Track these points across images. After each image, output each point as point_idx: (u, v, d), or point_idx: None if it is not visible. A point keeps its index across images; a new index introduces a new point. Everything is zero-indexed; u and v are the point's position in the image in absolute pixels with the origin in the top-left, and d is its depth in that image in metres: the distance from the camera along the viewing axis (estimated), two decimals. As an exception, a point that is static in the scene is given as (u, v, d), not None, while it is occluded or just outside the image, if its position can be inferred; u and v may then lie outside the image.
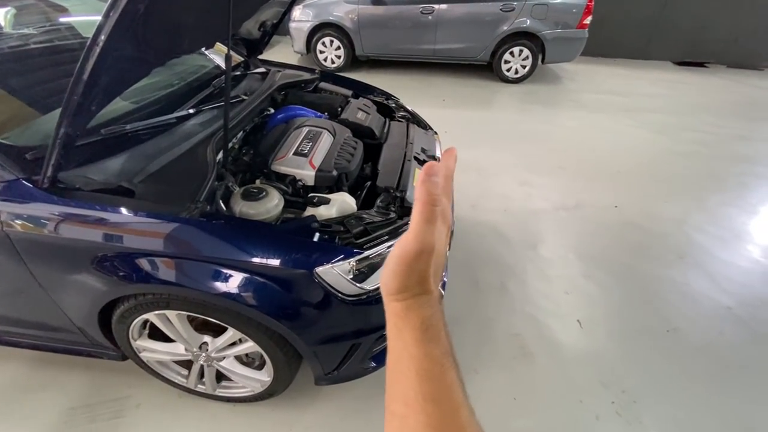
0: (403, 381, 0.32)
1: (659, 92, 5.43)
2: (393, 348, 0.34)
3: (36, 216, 1.12)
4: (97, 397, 1.57)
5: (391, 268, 0.34)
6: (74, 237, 1.12)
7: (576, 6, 4.90)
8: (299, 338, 1.21)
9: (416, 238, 0.33)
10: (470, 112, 4.48)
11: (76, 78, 0.90)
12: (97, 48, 0.85)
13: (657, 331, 1.94)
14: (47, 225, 1.12)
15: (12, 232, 1.13)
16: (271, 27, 2.21)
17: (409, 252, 0.33)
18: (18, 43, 1.68)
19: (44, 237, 1.13)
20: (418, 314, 0.34)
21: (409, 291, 0.34)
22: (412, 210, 0.34)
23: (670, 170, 3.42)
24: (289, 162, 1.53)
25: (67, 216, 1.11)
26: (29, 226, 1.13)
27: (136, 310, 1.24)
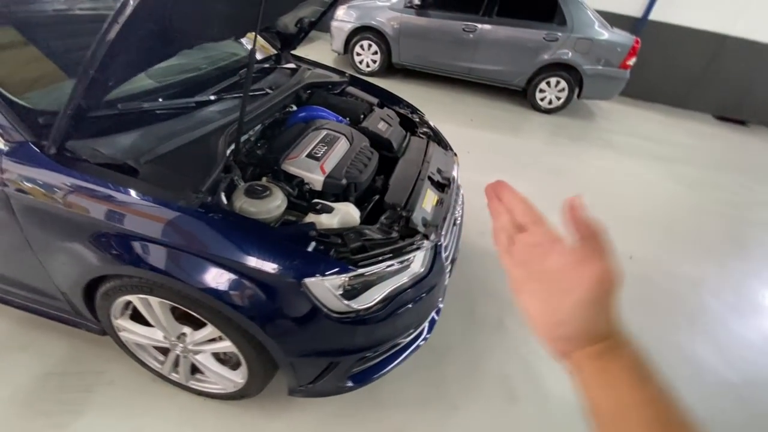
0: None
1: (694, 144, 5.26)
2: (602, 405, 0.30)
3: (36, 180, 1.11)
4: (72, 366, 1.56)
5: (593, 308, 0.30)
6: (70, 207, 1.11)
7: (622, 45, 4.79)
8: (276, 346, 1.17)
9: (614, 269, 0.31)
10: (496, 136, 4.41)
11: (94, 52, 0.88)
12: (117, 26, 0.84)
13: (654, 397, 1.83)
14: (46, 191, 1.11)
15: (11, 192, 1.13)
16: (308, 24, 2.21)
17: (612, 283, 0.30)
18: (64, 6, 1.70)
19: (41, 202, 1.12)
20: (628, 354, 0.31)
21: (613, 329, 0.31)
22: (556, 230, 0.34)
23: (693, 228, 3.29)
24: (300, 163, 1.50)
25: (66, 186, 1.10)
26: (29, 189, 1.12)
27: (121, 290, 1.22)
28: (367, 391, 1.61)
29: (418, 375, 1.73)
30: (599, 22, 4.84)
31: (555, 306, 0.31)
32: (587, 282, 0.30)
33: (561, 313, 0.31)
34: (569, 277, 0.32)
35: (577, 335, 0.30)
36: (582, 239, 0.33)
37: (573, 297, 0.30)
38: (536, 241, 0.36)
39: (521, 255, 0.37)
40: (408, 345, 1.49)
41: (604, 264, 0.31)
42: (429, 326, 1.57)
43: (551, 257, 0.35)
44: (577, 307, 0.30)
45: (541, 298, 0.33)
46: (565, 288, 0.32)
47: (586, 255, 0.32)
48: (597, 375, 0.29)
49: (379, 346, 1.34)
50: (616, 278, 0.30)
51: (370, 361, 1.39)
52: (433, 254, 1.41)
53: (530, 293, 0.35)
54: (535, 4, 4.88)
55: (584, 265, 0.31)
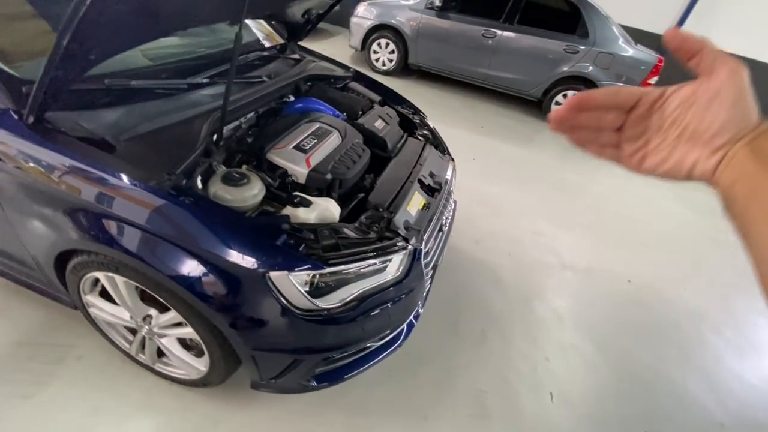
0: None
1: (712, 171, 5.08)
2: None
3: (12, 148, 1.10)
4: (44, 338, 1.57)
5: (743, 100, 0.32)
6: (42, 178, 1.10)
7: (645, 63, 4.66)
8: (237, 338, 1.15)
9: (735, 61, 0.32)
10: (505, 145, 4.34)
11: (66, 23, 0.87)
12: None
13: (634, 429, 1.76)
14: (21, 160, 1.11)
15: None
16: (315, 16, 2.18)
17: (745, 71, 0.32)
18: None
19: (15, 170, 1.12)
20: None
21: (760, 117, 0.32)
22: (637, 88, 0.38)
23: (701, 257, 3.17)
24: (285, 154, 1.47)
25: (40, 156, 1.09)
26: (6, 157, 1.12)
27: (88, 266, 1.21)
28: (336, 392, 1.58)
29: (390, 381, 1.69)
30: (623, 38, 4.72)
31: (708, 122, 0.33)
32: (727, 80, 0.32)
33: (716, 123, 0.33)
34: (706, 88, 0.33)
35: (736, 132, 0.32)
36: (695, 62, 0.35)
37: (722, 101, 0.32)
38: (652, 100, 0.38)
39: (638, 129, 0.39)
40: (381, 348, 1.45)
41: (728, 59, 0.33)
42: (406, 332, 1.53)
43: (678, 94, 0.36)
44: (731, 107, 0.32)
45: (688, 131, 0.35)
46: (708, 101, 0.33)
47: (708, 65, 0.34)
48: (754, 157, 0.31)
49: (347, 347, 1.31)
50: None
51: (337, 361, 1.35)
52: (412, 258, 1.37)
53: (671, 142, 0.37)
54: (558, 15, 4.78)
55: (715, 71, 0.33)
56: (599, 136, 0.42)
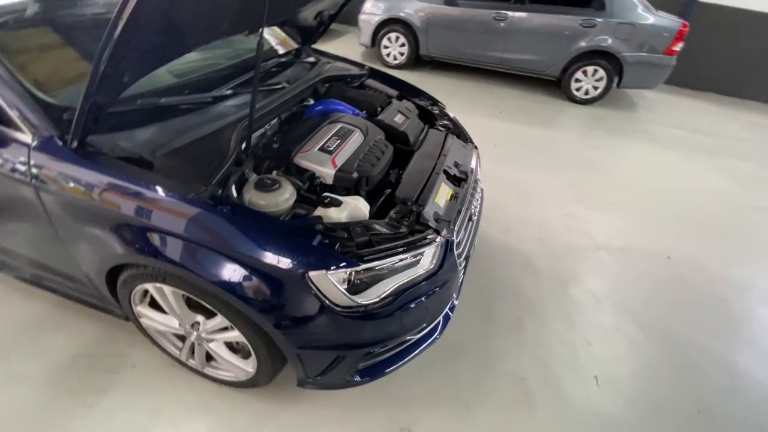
0: None
1: (749, 137, 4.82)
2: None
3: (60, 173, 1.17)
4: (100, 348, 1.66)
5: None
6: (90, 198, 1.16)
7: (668, 30, 4.45)
8: (282, 338, 1.18)
9: None
10: (527, 128, 4.24)
11: (102, 48, 0.91)
12: (122, 22, 0.86)
13: (686, 408, 1.70)
14: (69, 183, 1.17)
15: (39, 184, 1.20)
16: (327, 18, 2.20)
17: None
18: (101, 10, 1.76)
19: (65, 194, 1.19)
20: None
21: None
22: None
23: (743, 228, 3.02)
24: (311, 157, 1.50)
25: (87, 178, 1.15)
26: (54, 182, 1.19)
27: (138, 278, 1.27)
28: (378, 387, 1.60)
29: (430, 373, 1.71)
30: (642, 5, 4.51)
31: None
32: None
33: None
34: None
35: None
36: None
37: None
38: None
39: None
40: (419, 342, 1.47)
41: None
42: (442, 323, 1.53)
43: None
44: None
45: None
46: None
47: None
48: None
49: (386, 342, 1.32)
50: None
51: (378, 356, 1.37)
52: (444, 250, 1.37)
53: None
54: (571, -11, 4.62)
55: None
56: None
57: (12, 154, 1.20)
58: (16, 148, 1.19)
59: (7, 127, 1.20)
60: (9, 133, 1.20)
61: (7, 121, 1.19)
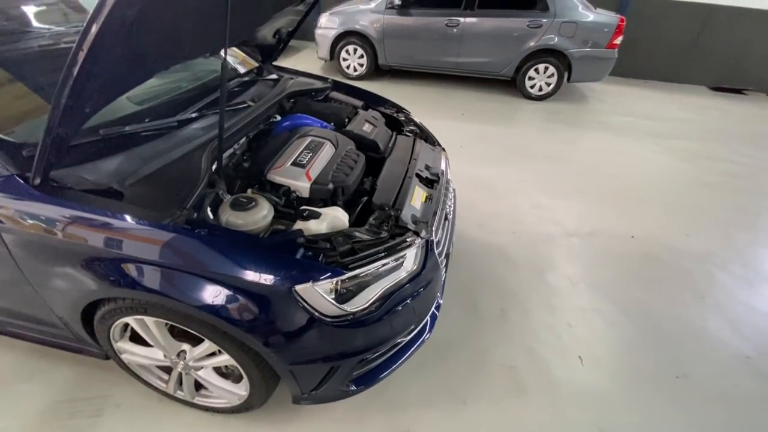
0: None
1: (690, 118, 5.20)
2: None
3: (24, 212, 1.12)
4: (80, 392, 1.58)
5: None
6: (59, 236, 1.12)
7: (607, 26, 4.77)
8: (274, 356, 1.17)
9: None
10: (489, 128, 4.40)
11: (62, 81, 0.89)
12: (81, 55, 0.85)
13: (666, 376, 1.81)
14: (34, 221, 1.12)
15: (1, 226, 1.14)
16: (286, 35, 2.22)
17: None
18: (49, 42, 1.71)
19: (30, 233, 1.14)
20: None
21: None
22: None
23: (696, 201, 3.25)
24: (285, 172, 1.51)
25: (53, 215, 1.11)
26: (18, 222, 1.13)
27: (116, 313, 1.23)
28: (373, 394, 1.61)
29: (423, 373, 1.73)
30: (582, 4, 4.82)
31: None
32: None
33: None
34: None
35: None
36: None
37: None
38: None
39: None
40: (410, 343, 1.48)
41: None
42: (430, 323, 1.56)
43: None
44: None
45: None
46: None
47: None
48: None
49: (378, 347, 1.33)
50: None
51: (371, 362, 1.38)
52: (425, 251, 1.41)
53: None
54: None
55: None
56: None
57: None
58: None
59: (-40, 170, 1.14)
60: (-37, 175, 1.14)
61: (-40, 164, 1.14)
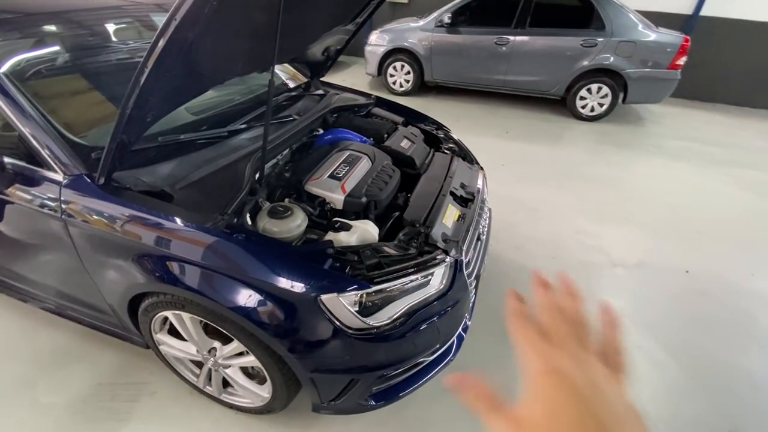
0: None
1: (763, 146, 4.75)
2: None
3: (88, 208, 1.25)
4: (122, 377, 1.70)
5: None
6: (116, 231, 1.23)
7: (670, 45, 4.50)
8: (296, 362, 1.20)
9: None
10: (533, 147, 4.28)
11: (128, 93, 1.00)
12: (147, 70, 0.94)
13: (715, 428, 1.63)
14: (97, 217, 1.25)
15: (68, 219, 1.28)
16: (334, 52, 2.32)
17: None
18: (125, 55, 1.90)
19: (92, 227, 1.26)
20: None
21: None
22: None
23: (762, 238, 2.94)
24: (321, 184, 1.56)
25: (112, 212, 1.23)
26: (83, 216, 1.26)
27: (158, 306, 1.32)
28: (394, 411, 1.59)
29: (446, 396, 1.68)
30: (643, 23, 4.60)
31: None
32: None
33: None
34: None
35: None
36: None
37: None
38: None
39: None
40: (434, 363, 1.46)
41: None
42: (456, 345, 1.53)
43: None
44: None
45: None
46: None
47: None
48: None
49: (400, 364, 1.33)
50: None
51: (392, 379, 1.37)
52: (453, 270, 1.39)
53: None
54: (570, 11, 4.75)
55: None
56: None
57: (44, 191, 1.29)
58: (48, 186, 1.28)
59: (39, 167, 1.30)
60: (41, 172, 1.30)
61: (40, 162, 1.29)
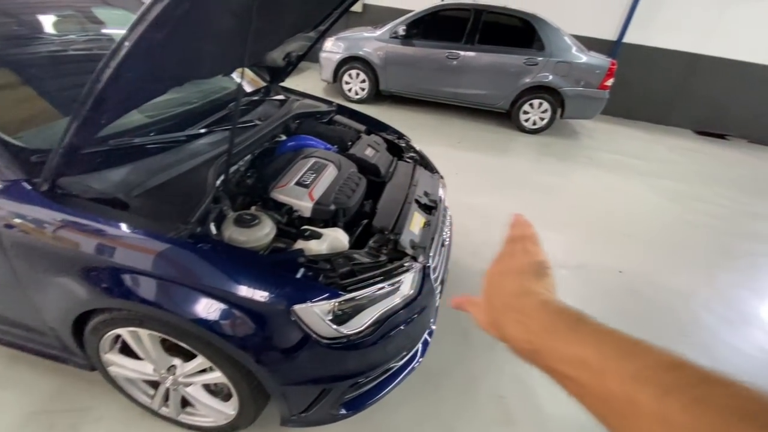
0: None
1: (676, 159, 5.41)
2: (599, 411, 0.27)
3: (28, 217, 1.13)
4: (59, 403, 1.53)
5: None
6: (60, 243, 1.13)
7: (599, 67, 5.00)
8: (267, 375, 1.17)
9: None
10: (484, 157, 4.51)
11: (87, 93, 0.93)
12: (108, 71, 0.88)
13: (651, 413, 1.82)
14: (37, 227, 1.13)
15: (2, 230, 1.14)
16: (296, 58, 2.29)
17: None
18: (59, 48, 1.75)
19: (31, 238, 1.14)
20: (569, 347, 0.30)
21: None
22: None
23: (680, 240, 3.35)
24: (288, 191, 1.53)
25: (57, 221, 1.12)
26: (20, 226, 1.14)
27: (110, 324, 1.22)
28: (362, 419, 1.58)
29: (412, 399, 1.72)
30: (576, 47, 5.06)
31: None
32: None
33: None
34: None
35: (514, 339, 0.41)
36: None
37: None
38: None
39: None
40: (401, 369, 1.49)
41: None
42: (422, 349, 1.57)
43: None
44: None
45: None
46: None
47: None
48: (566, 379, 0.35)
49: (371, 371, 1.34)
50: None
51: (363, 386, 1.38)
52: (422, 276, 1.43)
53: None
54: (514, 31, 5.11)
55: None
56: None
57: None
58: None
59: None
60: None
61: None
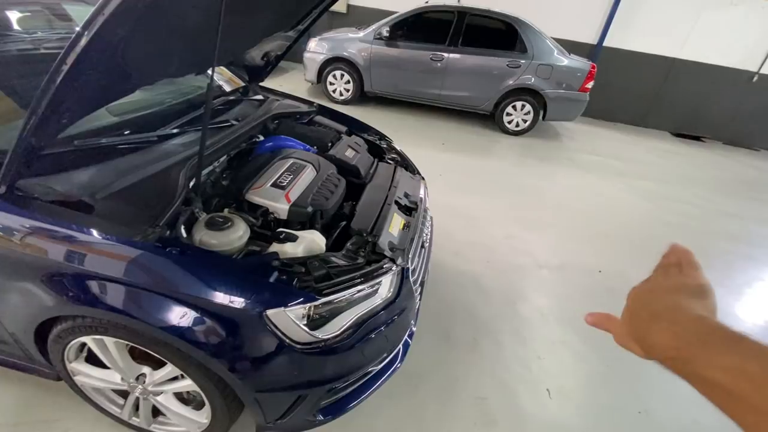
0: None
1: (653, 160, 5.54)
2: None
3: (-16, 221, 1.07)
4: (25, 416, 1.46)
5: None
6: (19, 248, 1.07)
7: (580, 70, 5.09)
8: (240, 383, 1.13)
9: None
10: (467, 158, 4.54)
11: (42, 91, 0.88)
12: (65, 68, 0.84)
13: (628, 410, 1.85)
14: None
15: (-44, 235, 1.08)
16: (274, 58, 2.26)
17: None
18: (28, 46, 1.68)
19: (-12, 244, 1.08)
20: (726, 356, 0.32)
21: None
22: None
23: (657, 239, 3.41)
24: (264, 193, 1.50)
25: (15, 225, 1.06)
26: (-25, 232, 1.08)
27: (74, 332, 1.16)
28: (341, 424, 1.55)
29: (392, 403, 1.70)
30: (558, 50, 5.14)
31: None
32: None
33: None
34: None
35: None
36: None
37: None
38: None
39: None
40: (381, 372, 1.47)
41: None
42: (402, 352, 1.55)
43: None
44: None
45: None
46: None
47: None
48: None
49: (349, 376, 1.31)
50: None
51: (341, 391, 1.35)
52: (400, 278, 1.42)
53: None
54: (497, 34, 5.16)
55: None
56: None
57: None
58: (-72, 197, 1.07)
59: None
60: None
61: None
